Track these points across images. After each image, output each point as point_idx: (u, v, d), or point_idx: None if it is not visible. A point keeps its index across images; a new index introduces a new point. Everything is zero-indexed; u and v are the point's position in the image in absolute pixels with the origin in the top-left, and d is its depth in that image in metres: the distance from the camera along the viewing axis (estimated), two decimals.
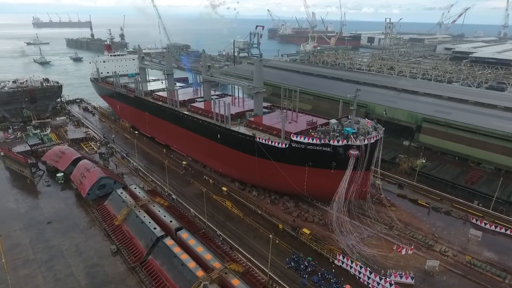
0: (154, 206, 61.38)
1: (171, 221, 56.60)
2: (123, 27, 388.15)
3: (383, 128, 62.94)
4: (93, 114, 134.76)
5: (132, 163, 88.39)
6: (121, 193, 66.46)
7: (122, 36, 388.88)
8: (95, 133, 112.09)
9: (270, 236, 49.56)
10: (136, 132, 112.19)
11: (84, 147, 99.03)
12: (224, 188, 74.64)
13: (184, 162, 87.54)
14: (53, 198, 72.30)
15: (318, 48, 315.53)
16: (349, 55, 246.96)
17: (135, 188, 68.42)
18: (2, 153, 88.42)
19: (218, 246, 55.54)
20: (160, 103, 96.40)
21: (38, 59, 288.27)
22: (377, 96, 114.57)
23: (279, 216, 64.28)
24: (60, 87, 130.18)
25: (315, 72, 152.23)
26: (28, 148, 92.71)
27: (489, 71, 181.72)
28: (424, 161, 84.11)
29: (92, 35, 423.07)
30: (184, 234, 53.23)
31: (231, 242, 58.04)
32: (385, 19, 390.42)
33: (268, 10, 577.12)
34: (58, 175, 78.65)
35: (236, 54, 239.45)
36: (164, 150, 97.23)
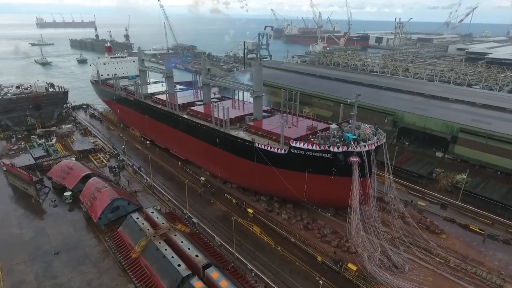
0: (175, 235, 54.07)
1: (196, 256, 49.30)
2: (128, 28, 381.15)
3: (384, 134, 60.13)
4: (101, 121, 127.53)
5: (146, 179, 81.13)
6: (137, 218, 59.08)
7: (127, 36, 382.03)
8: (103, 143, 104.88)
9: (320, 282, 42.11)
10: (147, 142, 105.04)
11: (93, 159, 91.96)
12: (249, 210, 67.22)
13: (203, 178, 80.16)
14: (60, 221, 65.09)
15: (328, 48, 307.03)
16: (359, 56, 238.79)
17: (153, 212, 61.01)
18: (4, 168, 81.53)
19: (251, 285, 48.25)
20: (160, 106, 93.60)
21: (39, 60, 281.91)
22: (404, 103, 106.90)
23: (315, 245, 56.79)
24: (66, 93, 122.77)
25: (333, 76, 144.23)
26: (32, 161, 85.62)
27: (511, 74, 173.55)
28: (465, 176, 76.49)
29: (97, 35, 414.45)
30: (213, 273, 45.77)
31: (265, 279, 50.63)
32: (395, 18, 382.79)
33: (272, 10, 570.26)
34: (65, 194, 71.48)
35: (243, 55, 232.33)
36: (179, 163, 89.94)
